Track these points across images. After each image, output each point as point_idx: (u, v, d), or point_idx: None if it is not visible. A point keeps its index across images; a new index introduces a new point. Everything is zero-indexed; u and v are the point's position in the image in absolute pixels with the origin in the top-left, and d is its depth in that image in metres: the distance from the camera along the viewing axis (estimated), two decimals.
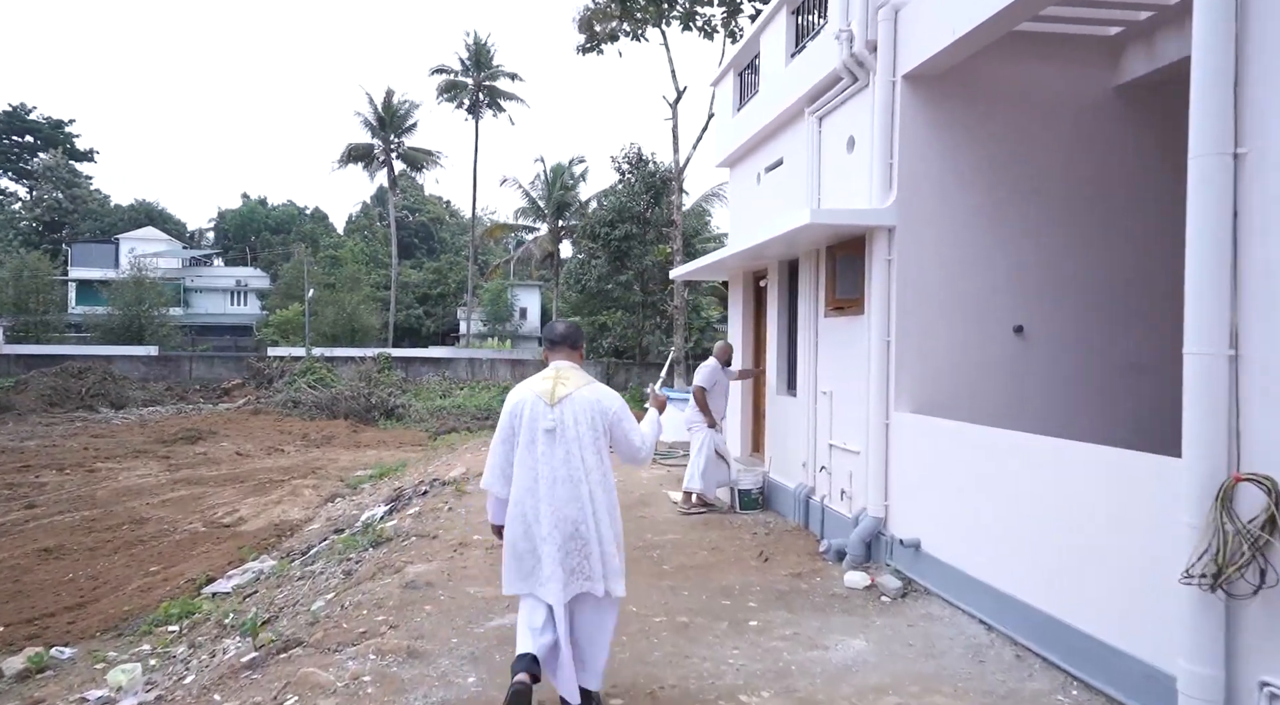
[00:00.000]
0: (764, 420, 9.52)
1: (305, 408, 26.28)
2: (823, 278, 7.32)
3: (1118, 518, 3.81)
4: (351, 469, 16.85)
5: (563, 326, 3.85)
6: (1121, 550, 3.74)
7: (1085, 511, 4.02)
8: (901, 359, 6.01)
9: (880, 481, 6.10)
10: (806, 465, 7.57)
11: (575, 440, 3.52)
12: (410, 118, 42.12)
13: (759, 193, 9.23)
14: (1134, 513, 3.65)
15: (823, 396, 7.30)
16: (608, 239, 26.25)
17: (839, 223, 6.02)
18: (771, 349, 8.82)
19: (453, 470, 11.02)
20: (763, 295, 9.56)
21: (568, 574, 3.49)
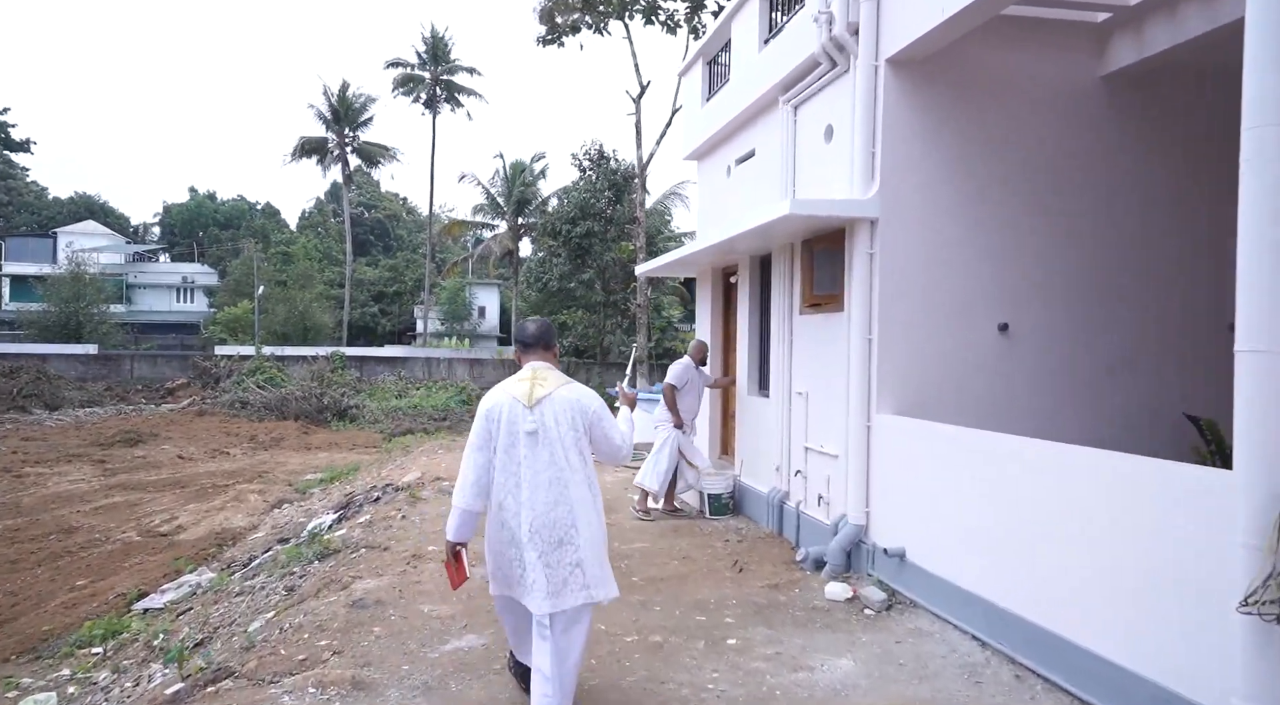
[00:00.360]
0: (733, 421, 9.18)
1: (254, 408, 25.34)
2: (798, 273, 7.00)
3: (1146, 532, 3.52)
4: (301, 472, 16.16)
5: (534, 326, 3.71)
6: (1150, 569, 3.44)
7: (1102, 524, 3.73)
8: (884, 358, 5.70)
9: (861, 487, 5.79)
10: (780, 469, 7.25)
11: (558, 441, 3.43)
12: (366, 111, 41.08)
13: (729, 186, 8.89)
14: (1169, 528, 3.36)
15: (798, 397, 6.98)
16: (569, 236, 25.77)
17: (819, 214, 5.69)
18: (742, 348, 8.48)
19: (407, 474, 10.48)
20: (733, 292, 9.22)
21: (557, 585, 3.37)
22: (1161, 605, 3.36)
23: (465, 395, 28.29)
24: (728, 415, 9.45)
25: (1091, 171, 6.01)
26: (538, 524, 3.35)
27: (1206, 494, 3.07)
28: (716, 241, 7.54)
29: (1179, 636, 3.24)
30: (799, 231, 6.62)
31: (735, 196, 8.68)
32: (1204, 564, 3.07)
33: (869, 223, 5.76)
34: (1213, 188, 6.17)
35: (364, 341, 44.64)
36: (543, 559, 3.35)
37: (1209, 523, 3.01)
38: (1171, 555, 3.32)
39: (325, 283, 45.40)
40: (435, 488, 9.36)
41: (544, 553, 3.35)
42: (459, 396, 27.97)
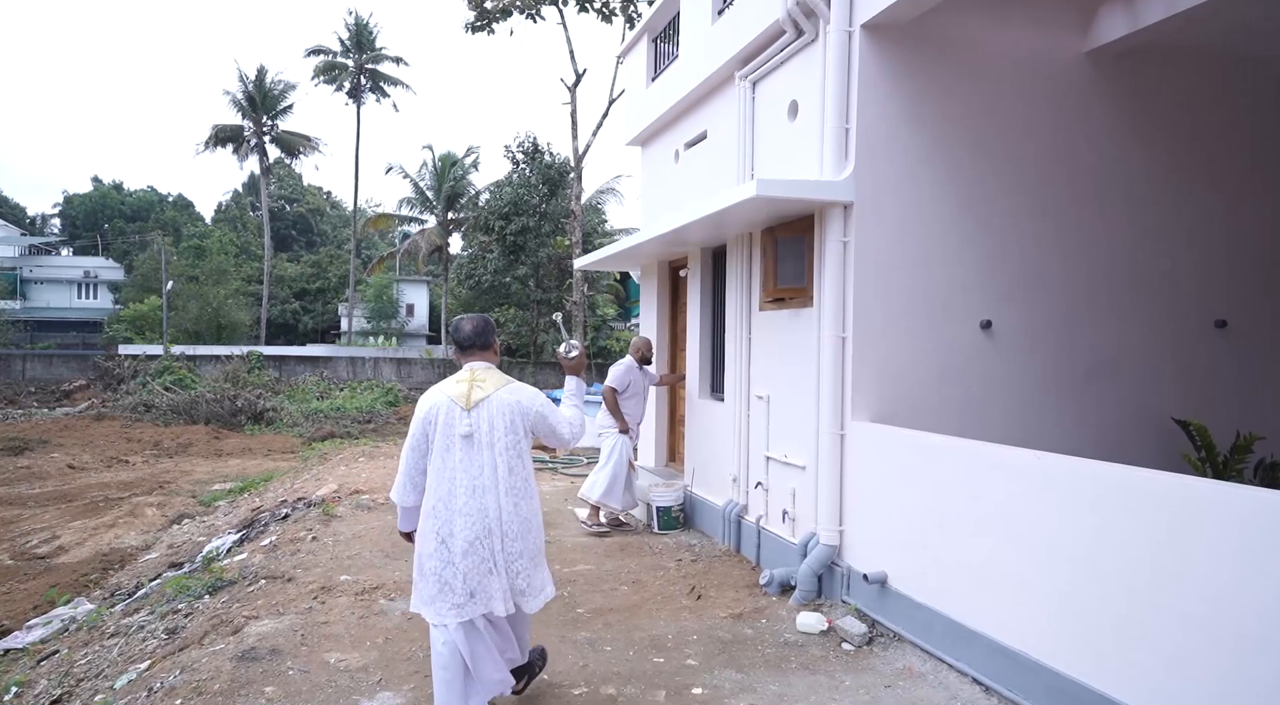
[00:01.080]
0: (682, 427, 8.50)
1: (160, 412, 23.57)
2: (757, 265, 6.35)
3: (1190, 561, 2.94)
4: (208, 482, 14.85)
5: (471, 325, 3.56)
6: (1221, 611, 2.87)
7: (1133, 551, 3.15)
8: (859, 359, 5.09)
9: (833, 503, 5.16)
10: (737, 481, 6.59)
11: (497, 444, 3.35)
12: (285, 99, 38.99)
13: (677, 172, 8.20)
14: (1219, 557, 2.79)
15: (757, 402, 6.33)
16: (503, 233, 24.75)
17: (788, 196, 5.03)
18: (693, 348, 7.80)
19: (322, 487, 9.47)
20: (681, 287, 8.54)
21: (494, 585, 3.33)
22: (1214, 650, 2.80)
23: (392, 396, 26.97)
24: (675, 419, 8.76)
25: (1076, 157, 5.53)
26: (475, 529, 3.28)
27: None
28: (665, 231, 6.84)
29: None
30: (759, 218, 5.97)
31: (684, 183, 8.00)
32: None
33: (842, 207, 5.13)
34: (1204, 177, 5.76)
35: (284, 340, 42.51)
36: (481, 563, 3.29)
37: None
38: (1215, 589, 2.76)
39: (243, 279, 43.06)
40: (353, 503, 8.40)
41: (483, 556, 3.29)
42: (385, 398, 26.63)
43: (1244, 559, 2.77)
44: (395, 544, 6.84)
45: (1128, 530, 3.22)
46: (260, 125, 38.50)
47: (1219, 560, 2.85)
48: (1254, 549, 2.74)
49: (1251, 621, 2.74)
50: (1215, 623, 2.85)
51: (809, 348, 5.50)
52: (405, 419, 23.99)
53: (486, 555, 3.30)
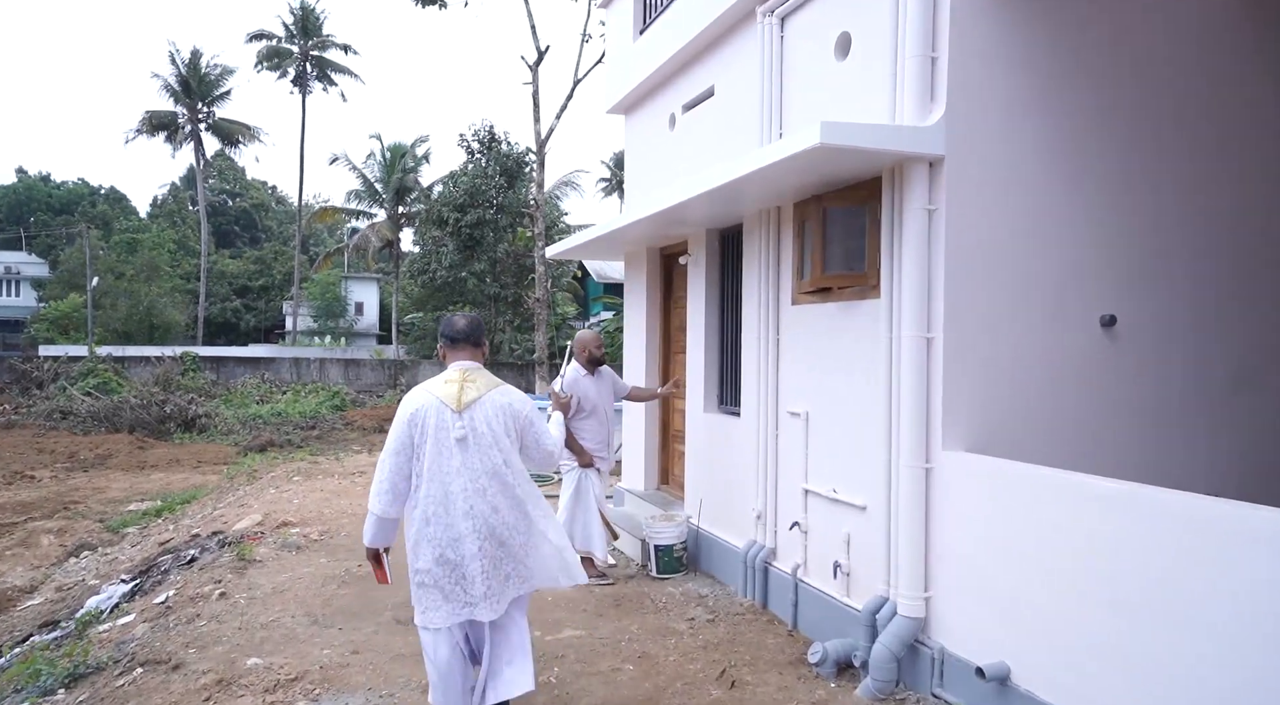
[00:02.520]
0: (678, 444, 7.11)
1: (79, 419, 21.41)
2: (789, 247, 5.00)
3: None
4: (123, 502, 13.02)
5: (463, 321, 3.41)
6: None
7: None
8: (954, 367, 3.76)
9: (916, 559, 3.82)
10: (762, 518, 5.22)
11: (493, 447, 3.21)
12: (223, 84, 36.43)
13: (674, 140, 6.80)
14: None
15: (790, 420, 4.97)
16: (457, 225, 23.04)
17: (864, 146, 3.67)
18: (695, 351, 6.42)
19: (245, 517, 7.85)
20: (678, 278, 7.15)
21: (502, 582, 3.22)
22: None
23: (338, 400, 25.04)
24: (669, 435, 7.36)
25: (1229, 113, 4.28)
26: (481, 533, 3.15)
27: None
28: (659, 209, 5.47)
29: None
30: (795, 186, 4.61)
31: (682, 152, 6.61)
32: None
33: (927, 164, 3.80)
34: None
35: (225, 340, 39.97)
36: (489, 565, 3.17)
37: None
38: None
39: (181, 276, 40.39)
40: (279, 540, 6.82)
41: (490, 558, 3.17)
42: (331, 402, 24.70)
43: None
44: (327, 602, 5.32)
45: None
46: (195, 112, 35.90)
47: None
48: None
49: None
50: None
51: (872, 351, 4.16)
52: (352, 425, 22.16)
53: (496, 558, 3.19)
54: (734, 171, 4.43)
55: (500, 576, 3.20)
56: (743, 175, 4.33)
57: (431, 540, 3.14)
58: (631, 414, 7.72)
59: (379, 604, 5.31)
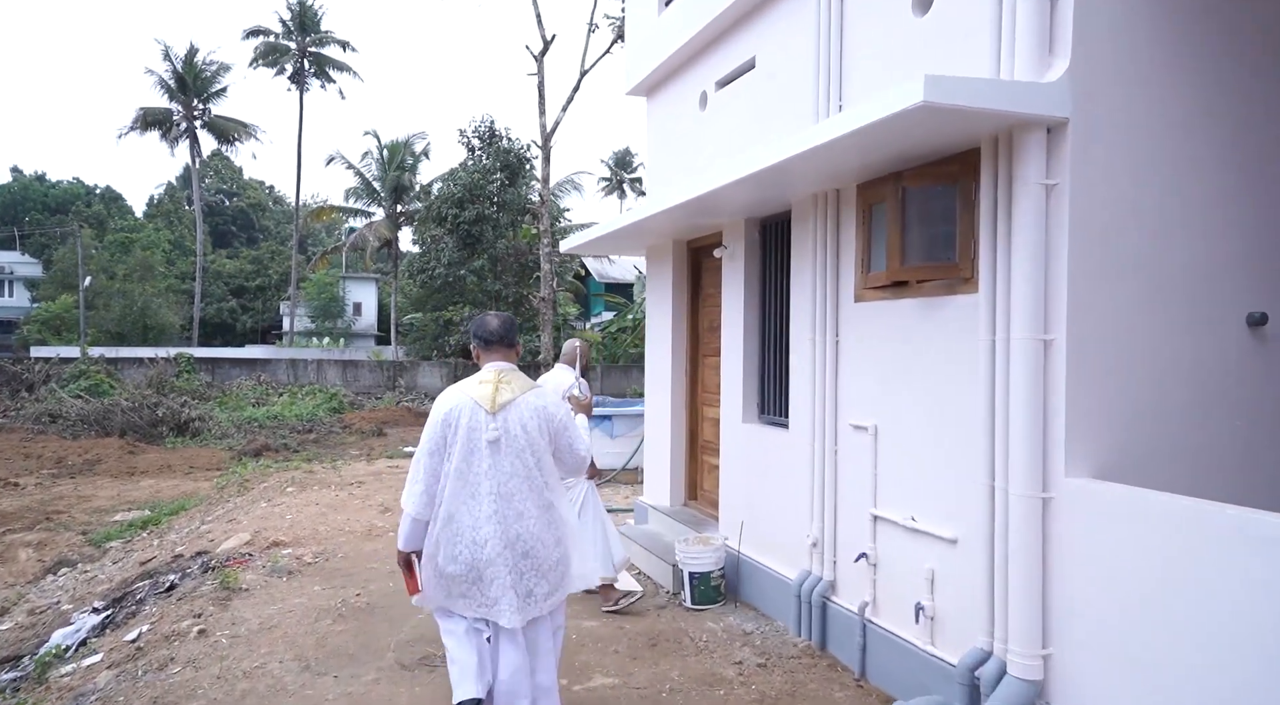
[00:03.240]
0: (709, 456, 6.43)
1: (69, 422, 20.65)
2: (851, 235, 4.32)
3: None
4: (109, 511, 12.30)
5: (496, 321, 3.32)
6: None
7: None
8: (1079, 376, 3.09)
9: (1031, 609, 3.14)
10: (819, 546, 4.54)
11: (526, 450, 3.12)
12: (218, 81, 35.58)
13: (705, 120, 6.12)
14: None
15: (854, 435, 4.29)
16: (456, 222, 22.31)
17: (976, 106, 2.98)
18: (731, 353, 5.73)
19: (233, 535, 7.15)
20: (707, 274, 6.47)
21: (522, 597, 3.08)
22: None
23: (336, 402, 24.30)
24: (698, 446, 6.68)
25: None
26: (507, 537, 3.06)
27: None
28: (691, 197, 4.81)
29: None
30: (856, 165, 3.94)
31: (716, 133, 5.93)
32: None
33: (1044, 130, 3.12)
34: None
35: (222, 341, 39.20)
36: (512, 572, 3.06)
37: None
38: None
39: (176, 276, 39.59)
40: (268, 563, 6.12)
41: (513, 565, 3.06)
42: (329, 404, 23.96)
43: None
44: (321, 642, 4.63)
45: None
46: (190, 109, 35.05)
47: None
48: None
49: None
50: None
51: (964, 355, 3.49)
52: (350, 428, 21.43)
53: (519, 569, 3.09)
54: (787, 150, 3.76)
55: (523, 590, 3.08)
56: (798, 153, 3.66)
57: (453, 539, 3.07)
58: (656, 422, 7.04)
59: (379, 643, 4.63)
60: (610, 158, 46.17)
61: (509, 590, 3.05)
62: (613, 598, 5.21)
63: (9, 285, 43.46)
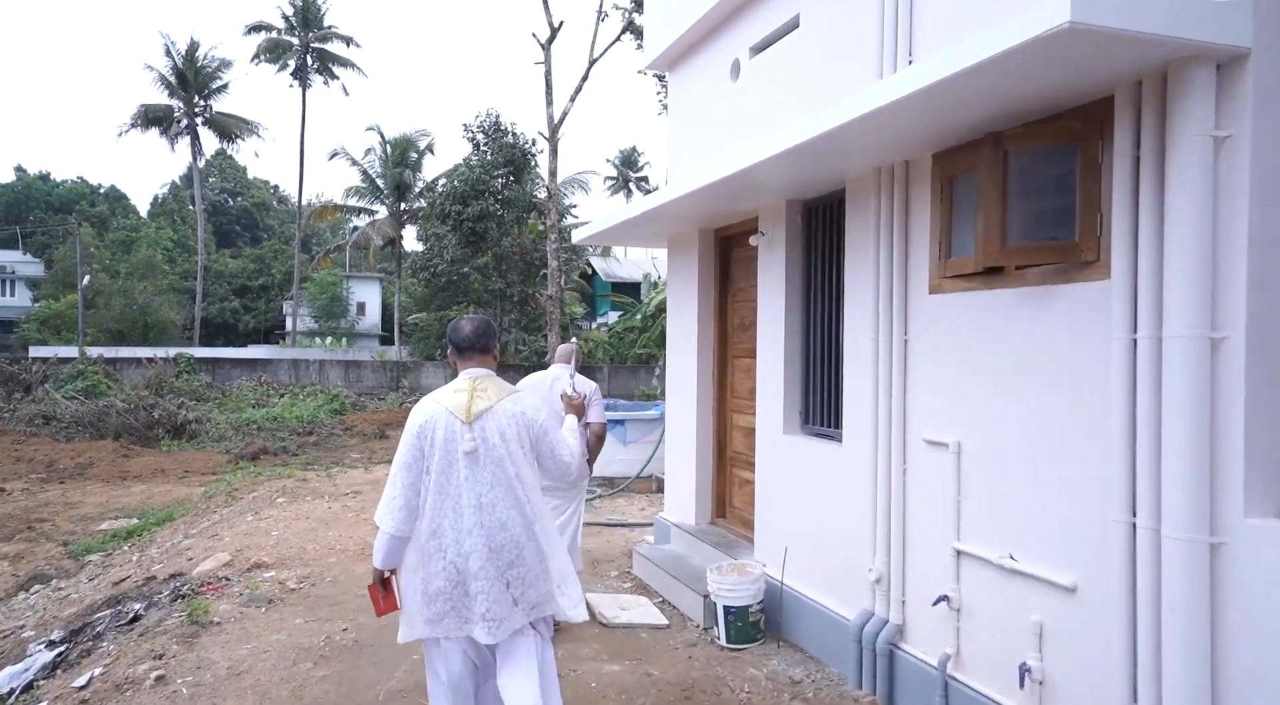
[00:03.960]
0: (740, 470, 5.71)
1: (63, 424, 20.01)
2: (927, 213, 3.60)
3: None
4: (96, 519, 11.63)
5: (470, 326, 3.14)
6: None
7: None
8: (1263, 387, 2.36)
9: (1197, 681, 2.41)
10: (883, 582, 3.81)
11: (505, 459, 2.96)
12: (220, 77, 34.93)
13: (736, 92, 5.40)
14: None
15: (930, 451, 3.57)
16: (460, 219, 21.60)
17: (1136, 29, 2.25)
18: (769, 354, 5.01)
19: (212, 554, 6.43)
20: (740, 265, 5.74)
21: (509, 607, 2.93)
22: None
23: (338, 404, 23.60)
24: (725, 457, 5.95)
25: None
26: (487, 549, 2.91)
27: None
28: (723, 176, 4.14)
29: None
30: (932, 130, 3.23)
31: (750, 104, 5.20)
32: None
33: (1213, 66, 2.40)
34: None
35: (224, 341, 38.56)
36: (497, 582, 2.92)
37: None
38: None
39: (178, 274, 38.94)
40: (246, 590, 5.41)
41: (498, 575, 2.92)
42: (330, 405, 23.27)
43: None
44: (299, 692, 3.92)
45: None
46: (192, 105, 34.39)
47: None
48: None
49: None
50: None
51: (1086, 358, 2.77)
52: (352, 430, 20.74)
53: (505, 579, 2.92)
54: (845, 113, 3.08)
55: (506, 601, 2.94)
56: (861, 116, 3.00)
57: (438, 553, 2.93)
58: (678, 430, 6.32)
59: (366, 694, 3.92)
60: (616, 157, 45.39)
61: (495, 601, 2.91)
62: None
63: (10, 285, 42.85)
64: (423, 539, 2.94)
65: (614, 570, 6.15)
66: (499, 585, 2.91)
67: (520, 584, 2.95)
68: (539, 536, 3.00)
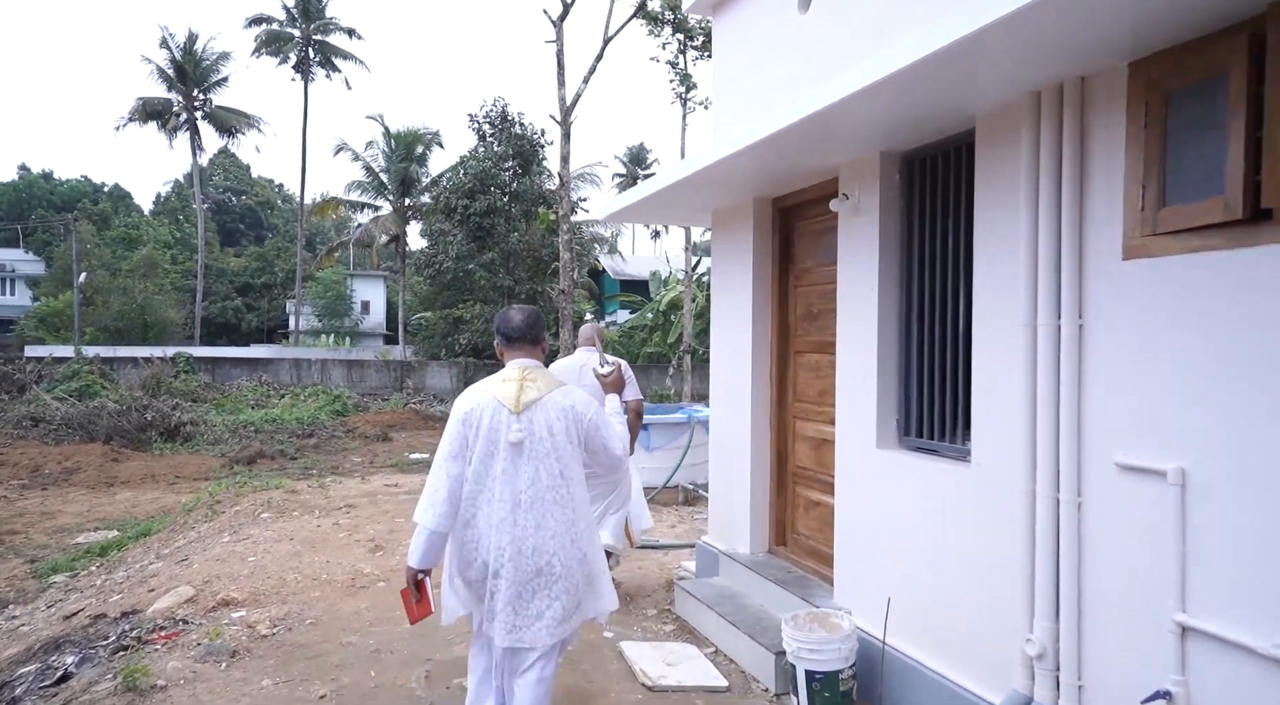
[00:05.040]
0: (809, 490, 4.65)
1: (52, 426, 19.06)
2: (1125, 149, 2.55)
3: None
4: (74, 531, 10.66)
5: (520, 316, 3.03)
6: None
7: None
8: None
9: None
10: (1045, 658, 2.76)
11: (551, 455, 2.82)
12: (220, 70, 33.88)
13: (806, 25, 4.34)
14: None
15: (1130, 480, 2.51)
16: (466, 213, 20.55)
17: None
18: (855, 350, 3.95)
19: (174, 587, 5.39)
20: (802, 240, 4.69)
21: (528, 618, 2.78)
22: None
23: (339, 405, 22.59)
24: (786, 473, 4.89)
25: None
26: (512, 550, 2.76)
27: None
28: (796, 121, 3.16)
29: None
30: (1128, 28, 2.18)
31: (825, 37, 4.14)
32: None
33: None
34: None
35: (227, 341, 37.58)
36: (514, 589, 2.77)
37: None
38: None
39: (179, 272, 37.98)
40: (205, 640, 4.36)
41: (517, 581, 2.76)
42: (331, 406, 22.27)
43: None
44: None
45: None
46: (191, 99, 33.36)
47: None
48: None
49: None
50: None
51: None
52: (353, 432, 19.73)
53: (534, 579, 2.77)
54: (994, 7, 2.01)
55: (530, 613, 2.77)
56: (1018, 9, 1.92)
57: (472, 544, 2.80)
58: (726, 438, 5.27)
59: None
60: (625, 154, 44.33)
61: (508, 607, 2.78)
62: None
63: (11, 283, 41.93)
64: (459, 528, 2.82)
65: (651, 607, 5.11)
66: (515, 591, 2.77)
67: (547, 595, 2.79)
68: (579, 540, 2.85)
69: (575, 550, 2.82)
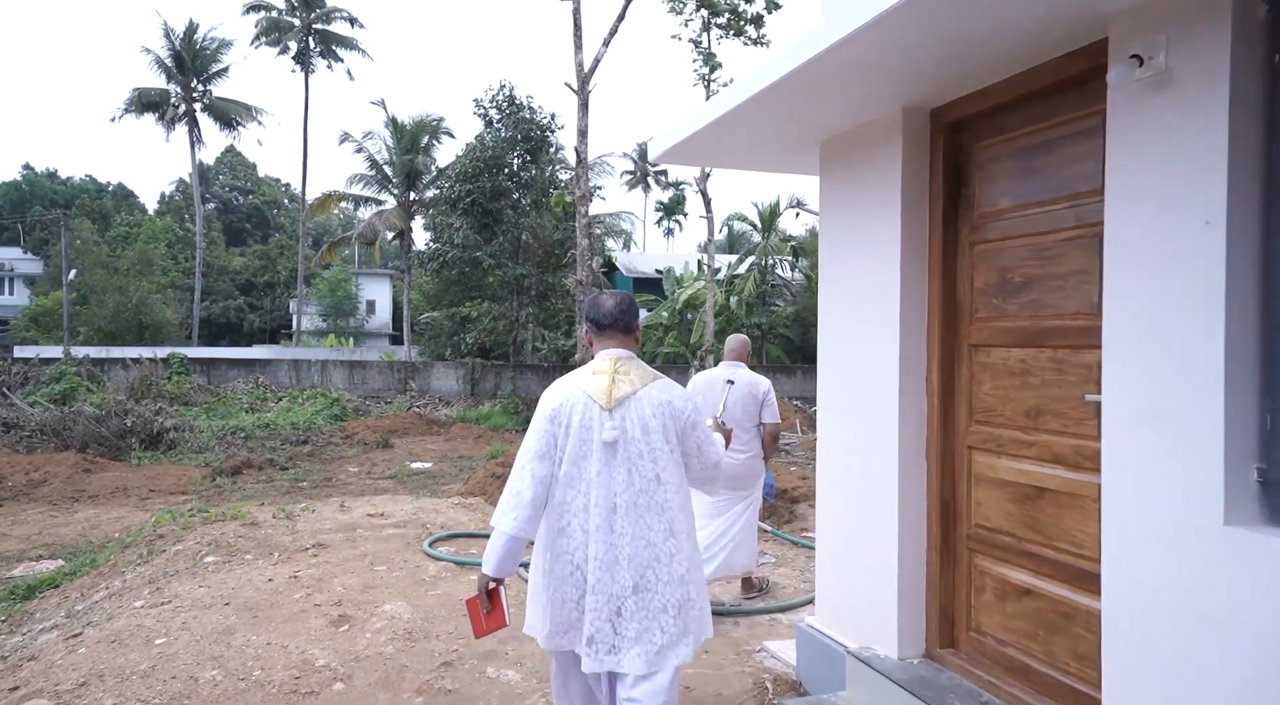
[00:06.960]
0: (984, 555, 2.83)
1: (24, 433, 17.38)
2: None
3: None
4: (14, 559, 8.91)
5: (612, 300, 2.71)
6: None
7: None
8: None
9: None
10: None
11: (646, 456, 2.50)
12: (219, 60, 32.20)
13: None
14: None
15: None
16: (471, 199, 18.79)
17: None
18: (1164, 333, 2.14)
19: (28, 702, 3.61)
20: (984, 176, 2.87)
21: (628, 640, 2.43)
22: None
23: (338, 408, 20.89)
24: (958, 534, 3.07)
25: None
26: (610, 560, 2.45)
27: None
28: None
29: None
30: None
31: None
32: None
33: None
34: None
35: (228, 341, 35.96)
36: (610, 603, 2.45)
37: None
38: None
39: (181, 271, 36.38)
40: None
41: (613, 597, 2.45)
42: (330, 410, 20.56)
43: None
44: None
45: None
46: (189, 89, 31.67)
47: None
48: None
49: None
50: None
51: None
52: (352, 438, 17.99)
53: (630, 596, 2.42)
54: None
55: (628, 634, 2.43)
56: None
57: (566, 554, 2.49)
58: (848, 479, 3.47)
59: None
60: (634, 150, 42.59)
61: (605, 626, 2.42)
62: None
63: (9, 283, 40.40)
64: (549, 537, 2.53)
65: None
66: (612, 607, 2.43)
67: (644, 615, 2.43)
68: (681, 557, 2.48)
69: (675, 568, 2.48)
